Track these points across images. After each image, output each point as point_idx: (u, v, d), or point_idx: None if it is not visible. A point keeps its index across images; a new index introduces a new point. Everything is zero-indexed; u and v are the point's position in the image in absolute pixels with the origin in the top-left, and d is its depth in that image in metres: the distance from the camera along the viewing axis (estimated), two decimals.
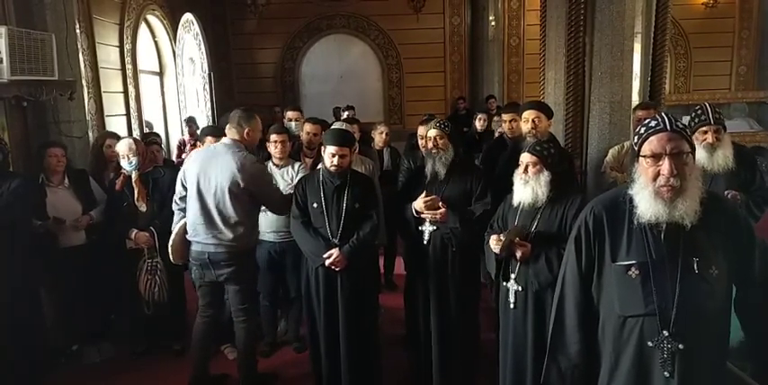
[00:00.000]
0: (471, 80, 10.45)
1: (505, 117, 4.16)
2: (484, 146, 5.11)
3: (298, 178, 3.59)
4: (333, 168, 3.09)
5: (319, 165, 3.31)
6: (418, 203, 3.15)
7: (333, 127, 3.71)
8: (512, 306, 2.69)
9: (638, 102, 4.55)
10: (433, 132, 3.25)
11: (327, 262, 3.06)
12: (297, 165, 3.76)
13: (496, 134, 5.25)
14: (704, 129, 3.04)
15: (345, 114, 7.23)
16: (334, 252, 3.06)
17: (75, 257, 3.68)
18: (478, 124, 6.33)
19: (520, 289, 2.65)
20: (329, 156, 3.09)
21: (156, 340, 3.97)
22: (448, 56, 10.43)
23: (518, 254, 2.60)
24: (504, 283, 2.73)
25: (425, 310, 3.26)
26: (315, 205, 3.15)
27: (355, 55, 10.35)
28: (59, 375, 3.66)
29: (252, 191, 3.17)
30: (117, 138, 4.14)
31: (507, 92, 10.29)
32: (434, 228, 3.17)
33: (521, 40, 10.38)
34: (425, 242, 3.20)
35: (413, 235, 3.25)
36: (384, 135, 5.01)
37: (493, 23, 9.84)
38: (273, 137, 3.69)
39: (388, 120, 9.94)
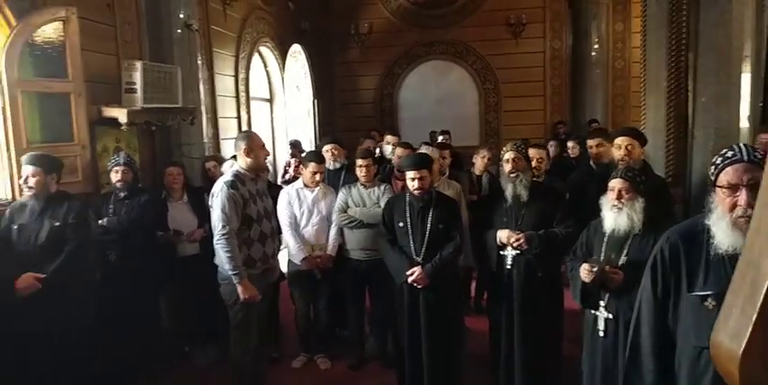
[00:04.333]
0: (573, 104, 10.17)
1: (591, 142, 4.10)
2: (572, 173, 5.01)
3: (384, 198, 3.78)
4: (416, 191, 3.25)
5: None
6: (504, 237, 3.20)
7: (417, 152, 3.88)
8: (601, 334, 2.63)
9: (747, 128, 4.32)
10: (511, 154, 3.28)
11: (410, 279, 3.19)
12: (383, 186, 3.96)
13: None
14: None
15: (440, 139, 7.36)
16: (417, 269, 3.18)
17: (189, 266, 4.06)
18: (571, 150, 6.23)
19: (610, 317, 2.60)
20: (410, 180, 3.26)
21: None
22: (548, 79, 10.29)
23: (612, 284, 2.56)
24: (593, 311, 2.68)
25: (508, 335, 3.27)
26: (401, 224, 3.31)
27: (452, 80, 10.48)
28: (168, 373, 4.03)
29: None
30: (216, 159, 4.58)
31: (612, 116, 9.89)
32: (517, 252, 3.19)
33: (626, 63, 9.99)
34: (508, 266, 3.23)
35: (494, 260, 3.28)
36: (486, 160, 5.04)
37: (596, 46, 9.60)
38: (359, 162, 3.94)
39: (485, 143, 9.92)
